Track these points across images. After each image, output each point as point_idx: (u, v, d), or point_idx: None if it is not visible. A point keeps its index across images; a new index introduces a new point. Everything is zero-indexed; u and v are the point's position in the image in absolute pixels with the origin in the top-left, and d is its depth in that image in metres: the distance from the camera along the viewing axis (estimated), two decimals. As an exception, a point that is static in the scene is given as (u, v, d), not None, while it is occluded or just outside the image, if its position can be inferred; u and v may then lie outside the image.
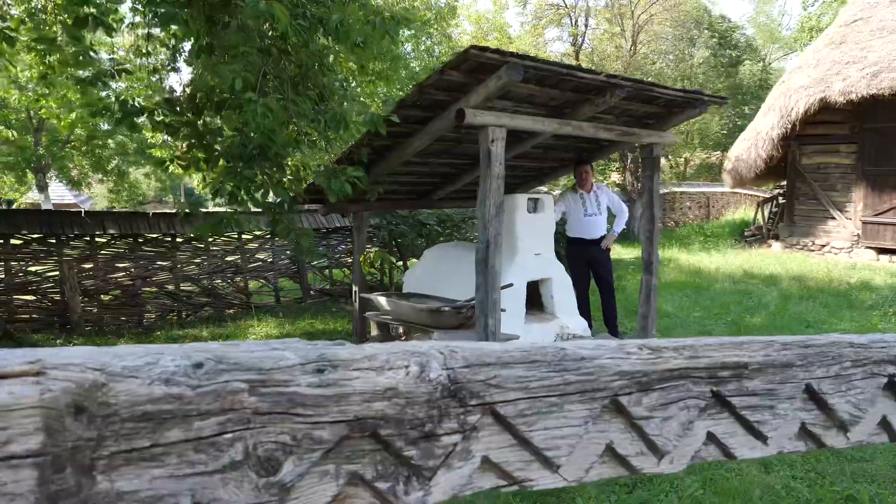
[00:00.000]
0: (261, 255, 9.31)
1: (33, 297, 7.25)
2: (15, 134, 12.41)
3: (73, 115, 8.45)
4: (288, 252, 9.44)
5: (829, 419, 1.05)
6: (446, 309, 5.10)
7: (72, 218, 7.53)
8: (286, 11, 3.51)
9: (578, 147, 6.44)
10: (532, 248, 5.71)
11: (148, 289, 8.16)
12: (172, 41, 4.27)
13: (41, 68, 4.43)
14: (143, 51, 4.27)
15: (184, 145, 4.21)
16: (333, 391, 0.70)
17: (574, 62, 14.34)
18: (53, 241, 7.36)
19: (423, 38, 28.56)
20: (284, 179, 4.39)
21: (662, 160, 30.88)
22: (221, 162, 4.31)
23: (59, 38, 3.79)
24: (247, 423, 0.65)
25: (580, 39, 14.19)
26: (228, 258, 8.96)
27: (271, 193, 4.50)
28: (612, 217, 6.47)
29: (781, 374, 1.00)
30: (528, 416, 0.86)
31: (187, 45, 4.61)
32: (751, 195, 17.88)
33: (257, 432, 0.65)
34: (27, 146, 15.66)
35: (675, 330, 6.65)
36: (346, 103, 4.22)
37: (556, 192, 11.56)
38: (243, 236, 9.11)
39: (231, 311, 8.74)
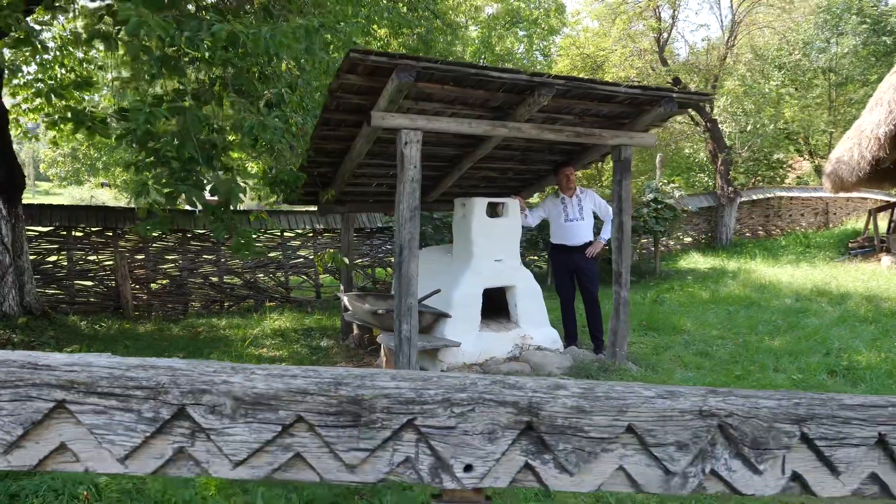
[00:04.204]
0: (303, 252, 9.81)
1: (91, 284, 8.27)
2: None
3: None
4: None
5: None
6: (381, 312, 5.11)
7: (125, 214, 8.47)
8: (165, 24, 3.73)
9: (565, 150, 6.11)
10: (491, 253, 5.51)
11: (193, 280, 8.95)
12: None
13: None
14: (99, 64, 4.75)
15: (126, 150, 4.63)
16: None
17: (657, 58, 13.37)
18: (110, 233, 8.34)
19: (539, 41, 28.18)
20: (207, 179, 4.64)
21: (805, 163, 27.62)
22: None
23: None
24: None
25: (664, 35, 13.15)
26: (271, 254, 9.56)
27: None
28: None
29: None
30: None
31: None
32: (884, 200, 15.54)
33: None
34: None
35: (671, 349, 6.06)
36: (264, 112, 4.37)
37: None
38: (285, 234, 9.68)
39: (271, 304, 9.33)
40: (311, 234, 9.85)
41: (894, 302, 7.79)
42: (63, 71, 8.08)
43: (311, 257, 9.86)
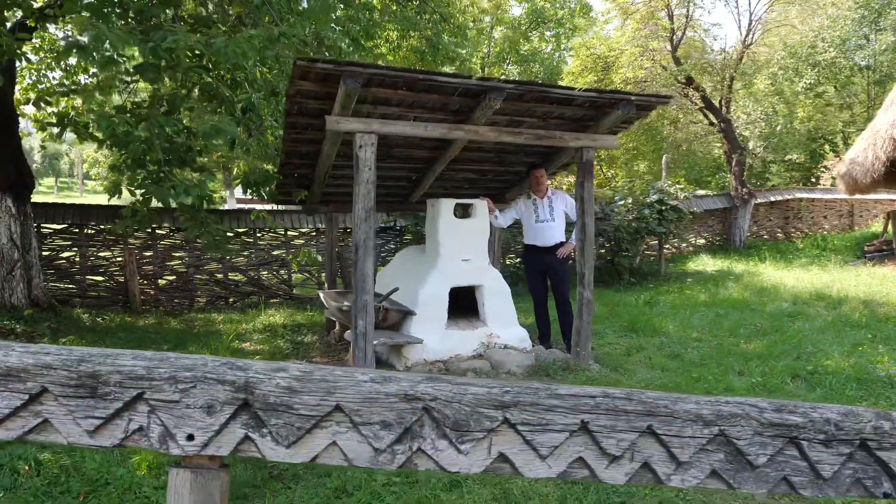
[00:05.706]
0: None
1: (101, 279, 8.72)
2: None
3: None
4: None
5: None
6: (345, 308, 5.30)
7: (134, 212, 8.89)
8: (127, 35, 4.00)
9: (539, 152, 6.21)
10: (458, 253, 5.65)
11: (199, 276, 9.33)
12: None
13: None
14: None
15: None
16: None
17: (670, 59, 13.20)
18: (120, 231, 8.76)
19: (566, 41, 28.01)
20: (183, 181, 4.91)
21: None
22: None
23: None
24: None
25: (678, 33, 12.96)
26: (275, 252, 9.88)
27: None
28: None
29: None
30: None
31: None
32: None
33: None
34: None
35: (644, 350, 6.09)
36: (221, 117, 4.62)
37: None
38: (289, 232, 9.99)
39: (274, 300, 9.64)
40: (313, 234, 10.14)
41: (891, 307, 7.60)
42: (86, 77, 8.55)
43: (315, 255, 10.16)
